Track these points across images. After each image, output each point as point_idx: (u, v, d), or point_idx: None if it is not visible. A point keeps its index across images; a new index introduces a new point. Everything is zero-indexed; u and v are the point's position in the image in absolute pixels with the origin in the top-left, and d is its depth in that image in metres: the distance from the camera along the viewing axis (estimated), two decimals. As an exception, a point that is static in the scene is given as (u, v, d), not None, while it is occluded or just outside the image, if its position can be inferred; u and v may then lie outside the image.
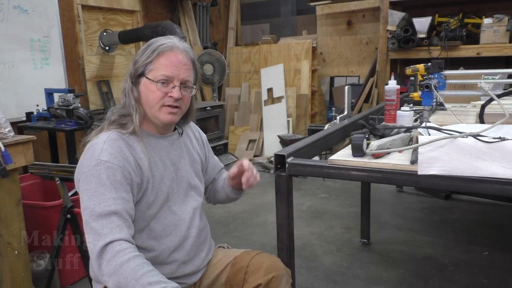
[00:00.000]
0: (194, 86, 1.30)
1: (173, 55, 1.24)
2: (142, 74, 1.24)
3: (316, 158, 2.39)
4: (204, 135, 1.54)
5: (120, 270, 1.07)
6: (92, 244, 1.12)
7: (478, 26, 4.36)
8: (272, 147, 5.10)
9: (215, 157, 1.60)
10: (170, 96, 1.23)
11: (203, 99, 5.52)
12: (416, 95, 2.11)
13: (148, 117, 1.28)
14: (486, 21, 4.19)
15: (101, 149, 1.18)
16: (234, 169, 1.40)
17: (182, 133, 1.40)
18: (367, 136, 1.42)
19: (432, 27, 4.49)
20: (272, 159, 1.65)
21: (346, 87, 2.22)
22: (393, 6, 4.64)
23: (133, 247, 1.13)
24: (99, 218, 1.12)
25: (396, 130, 1.51)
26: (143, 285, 1.05)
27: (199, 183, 1.43)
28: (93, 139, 1.24)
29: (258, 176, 1.37)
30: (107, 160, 1.17)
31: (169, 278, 1.22)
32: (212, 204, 1.64)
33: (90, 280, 1.33)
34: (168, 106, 1.24)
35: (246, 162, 1.37)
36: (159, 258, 1.26)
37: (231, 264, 1.39)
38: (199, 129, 1.53)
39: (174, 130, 1.38)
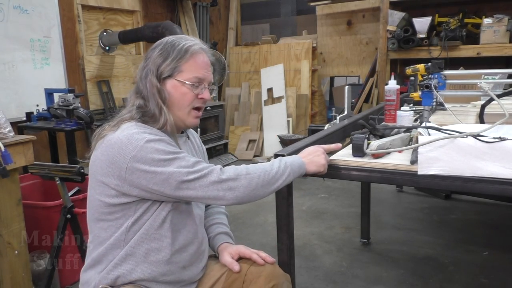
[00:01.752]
0: (215, 88, 1.36)
1: (202, 57, 1.24)
2: (169, 76, 1.22)
3: (316, 158, 2.38)
4: (203, 145, 1.53)
5: (250, 177, 1.16)
6: (206, 180, 1.13)
7: (478, 26, 4.36)
8: (272, 147, 5.10)
9: None
10: (201, 98, 1.24)
11: (203, 99, 5.51)
12: (416, 95, 2.10)
13: (173, 118, 1.24)
14: (486, 21, 4.19)
15: (138, 132, 1.14)
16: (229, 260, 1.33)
17: (188, 137, 1.39)
18: (367, 136, 1.42)
19: (432, 27, 4.49)
20: (272, 159, 1.64)
21: (346, 87, 2.21)
22: (393, 6, 4.64)
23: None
24: (191, 169, 1.12)
25: (396, 130, 1.51)
26: (275, 173, 1.19)
27: None
28: (112, 132, 1.17)
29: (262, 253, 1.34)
30: (153, 138, 1.13)
31: (165, 281, 1.21)
32: None
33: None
34: (196, 109, 1.25)
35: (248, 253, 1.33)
36: (162, 253, 1.20)
37: (227, 273, 1.32)
38: (199, 137, 1.53)
39: (182, 133, 1.37)
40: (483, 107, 1.71)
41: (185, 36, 1.29)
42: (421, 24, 4.42)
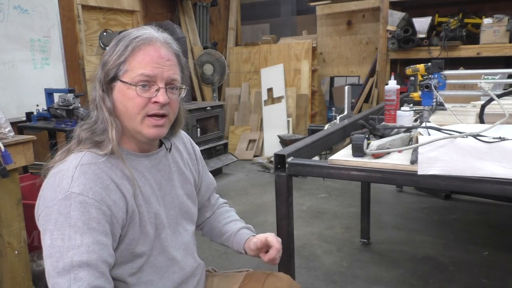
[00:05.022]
0: (183, 86, 1.04)
1: (152, 49, 0.98)
2: (115, 78, 0.98)
3: (316, 158, 2.39)
4: (197, 148, 1.29)
5: None
6: None
7: (478, 26, 4.36)
8: (272, 147, 5.10)
9: (209, 173, 1.36)
10: (155, 102, 0.98)
11: (203, 99, 5.53)
12: (416, 95, 2.10)
13: (128, 131, 1.02)
14: (486, 21, 4.19)
15: (71, 177, 0.92)
16: (259, 243, 1.21)
17: (170, 149, 1.15)
18: (367, 136, 1.42)
19: (432, 27, 4.50)
20: (272, 159, 1.65)
21: (346, 87, 2.21)
22: (393, 6, 4.65)
23: None
24: (65, 271, 0.86)
25: (396, 130, 1.51)
26: None
27: (192, 207, 1.20)
28: (58, 164, 0.98)
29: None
30: (80, 192, 0.90)
31: None
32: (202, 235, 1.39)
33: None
34: (153, 116, 0.99)
35: (277, 245, 1.20)
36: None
37: None
38: (191, 140, 1.28)
39: (161, 145, 1.13)
40: (483, 107, 1.71)
41: (145, 26, 1.04)
42: (421, 24, 4.42)
